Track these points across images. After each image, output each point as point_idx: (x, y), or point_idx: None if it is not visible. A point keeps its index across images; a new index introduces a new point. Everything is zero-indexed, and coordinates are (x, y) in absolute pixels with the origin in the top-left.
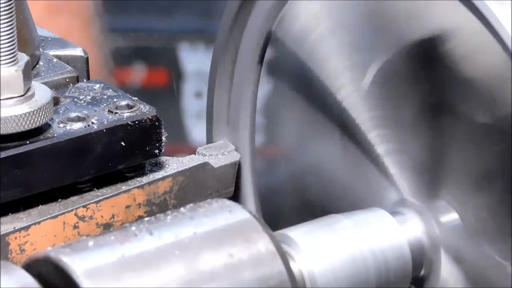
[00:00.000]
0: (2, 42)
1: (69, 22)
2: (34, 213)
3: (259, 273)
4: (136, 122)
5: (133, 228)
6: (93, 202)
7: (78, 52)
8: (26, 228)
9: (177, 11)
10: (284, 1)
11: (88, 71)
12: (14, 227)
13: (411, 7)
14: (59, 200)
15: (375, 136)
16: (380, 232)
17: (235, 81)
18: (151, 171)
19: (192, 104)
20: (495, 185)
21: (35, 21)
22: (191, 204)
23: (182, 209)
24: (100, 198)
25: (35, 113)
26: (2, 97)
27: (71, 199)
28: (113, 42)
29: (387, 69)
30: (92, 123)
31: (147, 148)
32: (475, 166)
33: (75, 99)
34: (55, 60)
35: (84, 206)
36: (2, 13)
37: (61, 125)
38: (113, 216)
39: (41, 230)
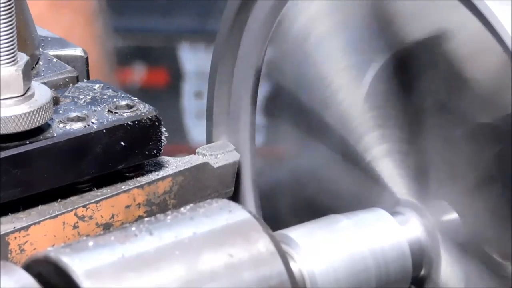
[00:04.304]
0: (2, 42)
1: (72, 20)
2: (34, 213)
3: (259, 273)
4: (136, 122)
5: (133, 228)
6: (93, 202)
7: (78, 52)
8: (26, 228)
9: (177, 11)
10: (284, 1)
11: (88, 71)
12: (14, 227)
13: (411, 7)
14: (59, 200)
15: (375, 136)
16: (380, 232)
17: (235, 81)
18: (151, 171)
19: (192, 104)
20: (495, 185)
21: (37, 18)
22: (191, 204)
23: (182, 209)
24: (100, 198)
25: (35, 113)
26: (2, 97)
27: (71, 199)
28: (114, 42)
29: (386, 70)
30: (92, 123)
31: (147, 148)
32: (475, 166)
33: (75, 99)
34: (55, 60)
35: (84, 206)
36: (2, 13)
37: (61, 125)
38: (113, 216)
39: (41, 230)
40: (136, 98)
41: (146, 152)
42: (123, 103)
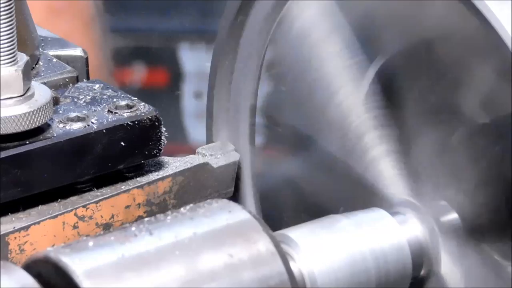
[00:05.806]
0: (2, 42)
1: (70, 23)
2: (33, 213)
3: (259, 273)
4: (136, 122)
5: (133, 228)
6: (92, 202)
7: (78, 52)
8: (26, 228)
9: (177, 11)
10: (284, 1)
11: (87, 71)
12: (14, 227)
13: (411, 7)
14: (59, 200)
15: (375, 136)
16: (380, 232)
17: (235, 81)
18: (151, 171)
19: (192, 104)
20: (495, 185)
21: (36, 23)
22: (191, 205)
23: (182, 209)
24: (100, 198)
25: (35, 113)
26: (2, 97)
27: (70, 199)
28: (113, 42)
29: (387, 69)
30: (92, 123)
31: (147, 148)
32: (475, 166)
33: (75, 99)
34: (54, 60)
35: (83, 206)
36: (2, 13)
37: (61, 125)
38: (112, 216)
39: (40, 230)
40: (136, 98)
41: (146, 152)
42: (123, 103)
